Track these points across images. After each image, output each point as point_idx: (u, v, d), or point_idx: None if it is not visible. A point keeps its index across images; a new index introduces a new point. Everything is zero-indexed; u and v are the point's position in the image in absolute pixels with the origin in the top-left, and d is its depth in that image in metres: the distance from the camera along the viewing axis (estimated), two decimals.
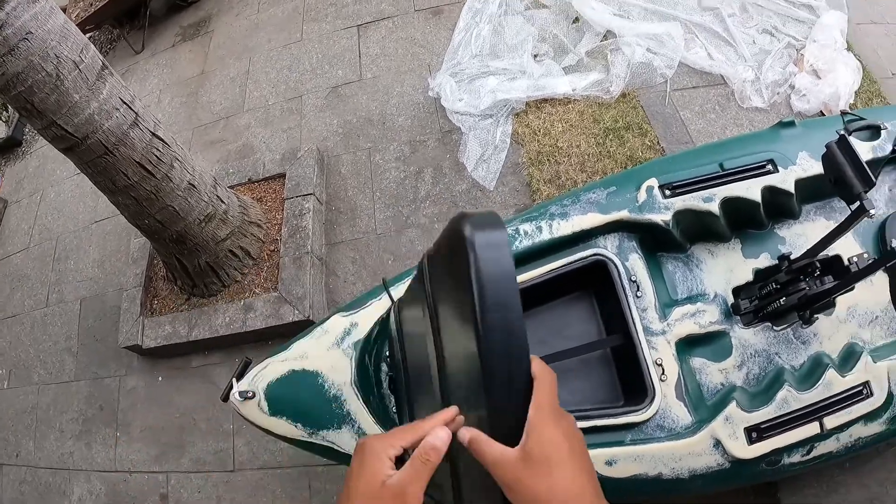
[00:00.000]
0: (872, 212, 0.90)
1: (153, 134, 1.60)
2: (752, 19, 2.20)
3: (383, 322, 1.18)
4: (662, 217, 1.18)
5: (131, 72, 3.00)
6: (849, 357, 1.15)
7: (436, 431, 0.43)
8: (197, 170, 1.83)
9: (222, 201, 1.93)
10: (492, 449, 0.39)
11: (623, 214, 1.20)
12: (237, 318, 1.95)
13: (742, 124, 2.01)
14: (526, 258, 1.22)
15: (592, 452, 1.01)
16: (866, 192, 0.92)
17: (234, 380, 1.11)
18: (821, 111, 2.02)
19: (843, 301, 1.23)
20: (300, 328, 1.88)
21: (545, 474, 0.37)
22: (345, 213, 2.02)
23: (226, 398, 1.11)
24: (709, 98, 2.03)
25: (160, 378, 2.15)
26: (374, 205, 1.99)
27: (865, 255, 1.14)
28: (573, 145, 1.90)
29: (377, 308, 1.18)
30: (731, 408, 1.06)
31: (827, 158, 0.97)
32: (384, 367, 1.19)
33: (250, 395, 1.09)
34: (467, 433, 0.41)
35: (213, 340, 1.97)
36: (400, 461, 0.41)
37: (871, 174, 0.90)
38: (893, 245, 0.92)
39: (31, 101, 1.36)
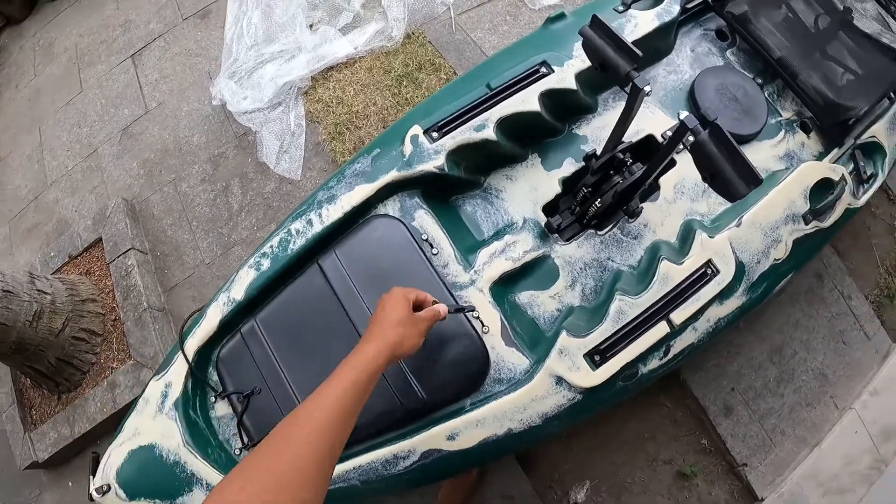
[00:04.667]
0: (647, 89, 0.76)
1: None
2: None
3: (195, 375, 1.04)
4: (434, 164, 1.02)
5: None
6: (687, 236, 1.01)
7: (441, 306, 0.81)
8: (7, 273, 1.61)
9: (45, 293, 1.70)
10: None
11: (392, 175, 1.02)
12: (107, 400, 1.77)
13: (538, 27, 1.88)
14: (305, 258, 1.04)
15: (431, 432, 0.92)
16: (636, 68, 0.76)
17: (90, 478, 1.01)
18: None
19: (667, 180, 1.11)
20: None
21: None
22: (170, 254, 1.81)
23: (91, 498, 1.01)
24: (497, 11, 1.86)
25: (70, 483, 1.97)
26: (194, 236, 1.78)
27: (681, 115, 0.97)
28: (369, 104, 1.72)
29: (182, 361, 1.03)
30: (563, 338, 0.92)
31: (586, 46, 0.82)
32: (213, 413, 1.06)
33: (105, 488, 0.99)
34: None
35: (97, 428, 1.81)
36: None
37: (633, 48, 0.75)
38: (681, 116, 0.77)
39: None
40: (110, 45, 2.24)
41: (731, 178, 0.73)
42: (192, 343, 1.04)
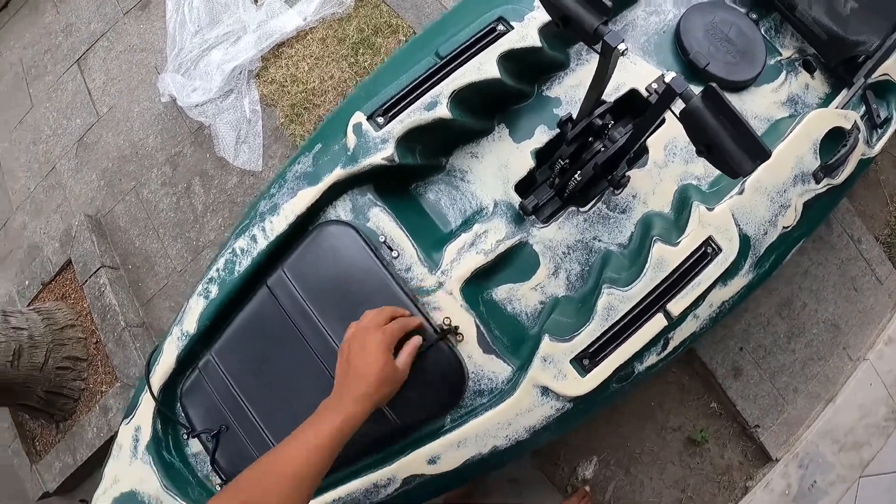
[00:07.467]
0: (622, 47, 0.59)
1: None
2: None
3: (163, 415, 0.94)
4: (383, 155, 0.85)
5: None
6: (683, 206, 0.85)
7: (416, 339, 0.72)
8: None
9: (21, 329, 1.59)
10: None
11: (337, 173, 0.86)
12: (102, 425, 1.68)
13: None
14: (255, 279, 0.91)
15: (410, 457, 0.83)
16: (606, 22, 0.60)
17: None
18: None
19: (657, 140, 0.93)
20: None
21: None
22: (142, 266, 1.67)
23: None
24: None
25: None
26: (163, 243, 1.63)
27: (666, 77, 0.86)
28: (326, 79, 1.52)
29: (148, 402, 0.93)
30: (546, 344, 0.78)
31: None
32: (189, 451, 0.97)
33: None
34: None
35: (98, 453, 1.73)
36: None
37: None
38: (667, 79, 0.61)
39: None
40: (55, 54, 2.04)
41: (733, 151, 0.56)
42: (154, 381, 0.94)
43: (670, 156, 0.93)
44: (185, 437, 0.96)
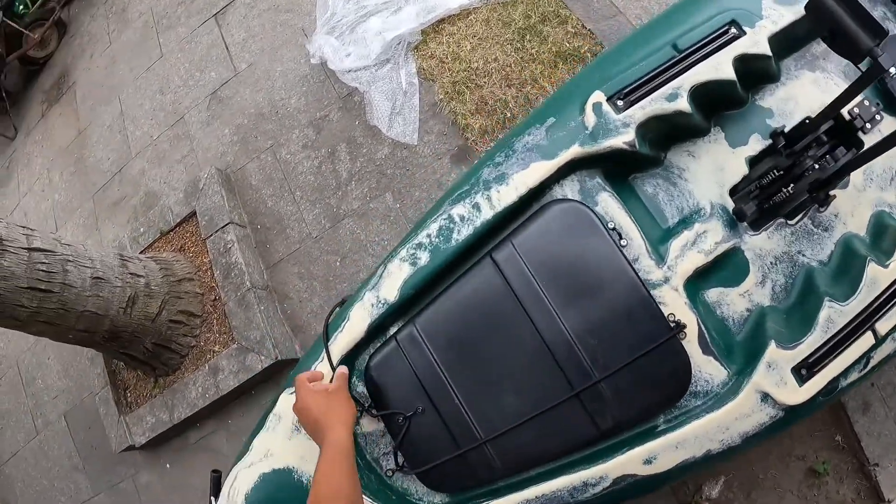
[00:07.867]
0: (894, 71, 0.60)
1: (30, 249, 1.28)
2: None
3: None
4: (624, 139, 0.85)
5: (15, 161, 2.50)
6: (880, 231, 0.87)
7: (341, 367, 0.85)
8: (96, 258, 1.46)
9: (138, 276, 1.55)
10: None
11: (575, 151, 0.85)
12: (209, 386, 1.62)
13: None
14: (473, 249, 0.88)
15: (629, 455, 0.80)
16: (878, 44, 0.61)
17: (211, 500, 0.89)
18: None
19: None
20: (275, 370, 1.59)
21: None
22: (272, 227, 1.63)
23: None
24: None
25: (168, 465, 1.88)
26: (298, 207, 1.59)
27: (866, 103, 0.81)
28: (489, 60, 1.47)
29: (323, 371, 0.87)
30: (772, 350, 0.78)
31: (814, 9, 0.65)
32: (358, 429, 0.91)
33: None
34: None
35: (197, 414, 1.69)
36: None
37: (878, 22, 0.60)
38: None
39: None
40: (189, 7, 2.03)
41: None
42: (335, 350, 0.88)
43: (868, 181, 0.92)
44: (360, 413, 0.90)
